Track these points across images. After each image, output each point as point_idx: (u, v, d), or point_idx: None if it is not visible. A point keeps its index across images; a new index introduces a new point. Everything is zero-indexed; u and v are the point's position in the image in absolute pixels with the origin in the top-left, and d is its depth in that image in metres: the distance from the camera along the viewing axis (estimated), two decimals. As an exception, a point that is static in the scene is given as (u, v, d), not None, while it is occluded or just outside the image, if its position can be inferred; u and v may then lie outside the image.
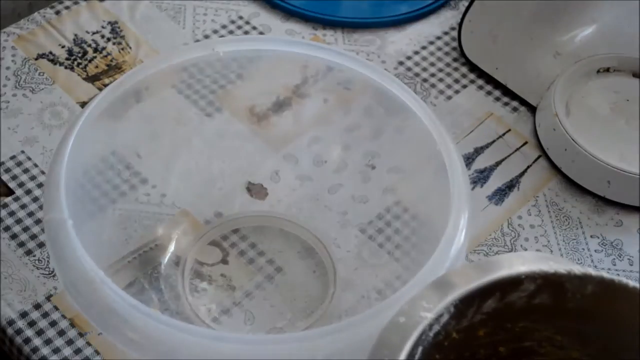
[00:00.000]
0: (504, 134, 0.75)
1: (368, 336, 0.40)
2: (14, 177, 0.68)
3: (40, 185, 0.67)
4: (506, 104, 0.77)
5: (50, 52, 0.77)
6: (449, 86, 0.78)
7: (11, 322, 0.60)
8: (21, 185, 0.68)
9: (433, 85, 0.78)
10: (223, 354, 0.48)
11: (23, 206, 0.66)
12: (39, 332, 0.60)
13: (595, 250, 0.68)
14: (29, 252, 0.64)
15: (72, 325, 0.60)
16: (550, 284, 0.42)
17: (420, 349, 0.40)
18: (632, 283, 0.42)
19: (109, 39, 0.79)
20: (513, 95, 0.77)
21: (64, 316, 0.60)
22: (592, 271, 0.42)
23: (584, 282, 0.42)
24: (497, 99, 0.77)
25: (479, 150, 0.73)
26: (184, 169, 0.67)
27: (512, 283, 0.42)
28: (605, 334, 0.44)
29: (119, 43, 0.78)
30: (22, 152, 0.70)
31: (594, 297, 0.42)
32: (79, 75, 0.76)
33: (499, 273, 0.42)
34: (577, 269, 0.42)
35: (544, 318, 0.44)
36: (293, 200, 0.69)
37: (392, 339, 0.39)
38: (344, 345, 0.47)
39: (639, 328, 0.43)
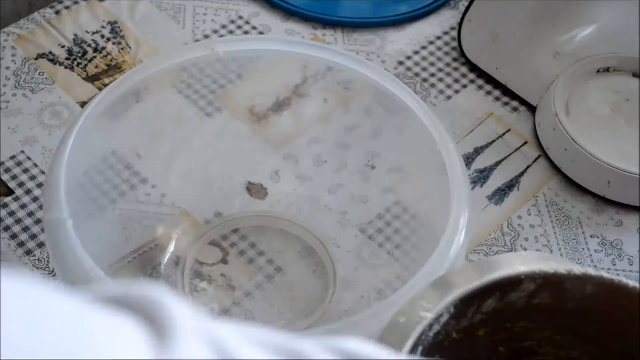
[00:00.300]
0: (504, 134, 0.75)
1: (368, 336, 0.40)
2: (14, 177, 0.68)
3: (40, 185, 0.67)
4: (506, 104, 0.77)
5: (50, 52, 0.77)
6: (449, 86, 0.78)
7: (11, 322, 0.60)
8: (21, 185, 0.68)
9: (433, 85, 0.78)
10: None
11: (23, 206, 0.66)
12: (39, 332, 0.59)
13: (595, 250, 0.68)
14: (29, 252, 0.64)
15: (72, 325, 0.60)
16: (550, 284, 0.42)
17: (420, 348, 0.40)
18: (632, 283, 0.42)
19: (109, 39, 0.79)
20: (513, 95, 0.77)
21: (64, 316, 0.60)
22: (592, 271, 0.42)
23: (584, 282, 0.42)
24: (497, 99, 0.77)
25: (479, 150, 0.73)
26: (184, 169, 0.67)
27: (512, 283, 0.42)
28: (606, 334, 0.44)
29: (119, 43, 0.78)
30: (22, 152, 0.70)
31: (594, 297, 0.42)
32: (79, 75, 0.76)
33: (499, 273, 0.42)
34: (577, 269, 0.42)
35: (544, 318, 0.44)
36: (293, 200, 0.69)
37: (392, 339, 0.39)
38: (344, 345, 0.47)
39: (639, 328, 0.43)
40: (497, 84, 0.78)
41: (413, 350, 0.39)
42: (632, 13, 0.76)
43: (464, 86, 0.78)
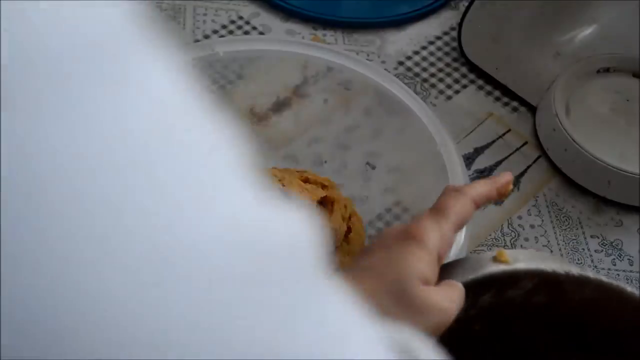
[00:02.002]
0: (504, 134, 0.75)
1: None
2: (14, 177, 0.68)
3: (40, 185, 0.67)
4: (506, 104, 0.77)
5: (50, 52, 0.77)
6: (449, 86, 0.78)
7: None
8: (21, 185, 0.68)
9: (433, 85, 0.78)
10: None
11: (23, 206, 0.66)
12: (39, 332, 0.59)
13: (595, 250, 0.68)
14: (29, 252, 0.64)
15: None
16: (548, 284, 0.42)
17: None
18: (629, 288, 0.41)
19: (109, 39, 0.78)
20: (513, 95, 0.77)
21: (64, 316, 0.60)
22: (590, 274, 0.42)
23: (582, 284, 0.42)
24: (497, 99, 0.77)
25: (479, 150, 0.73)
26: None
27: (509, 279, 0.42)
28: (603, 339, 0.44)
29: (119, 43, 0.78)
30: (22, 152, 0.70)
31: (592, 301, 0.42)
32: (79, 75, 0.76)
33: (495, 268, 0.42)
34: (576, 271, 0.42)
35: (542, 318, 0.44)
36: (293, 200, 0.68)
37: None
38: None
39: (636, 332, 0.42)
40: (497, 84, 0.78)
41: None
42: (632, 13, 0.76)
43: (464, 86, 0.78)
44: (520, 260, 0.42)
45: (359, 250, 0.62)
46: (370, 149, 0.67)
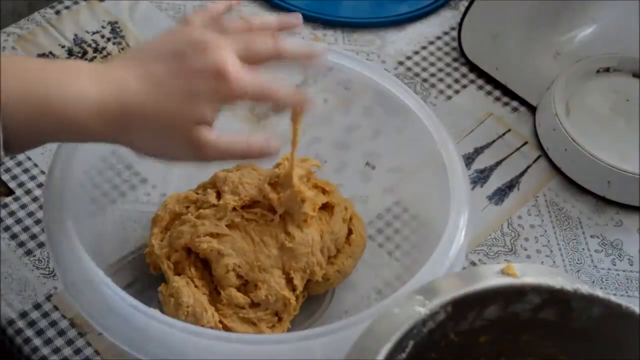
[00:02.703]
0: (504, 134, 0.75)
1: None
2: (14, 177, 0.68)
3: (40, 185, 0.67)
4: (506, 104, 0.77)
5: (50, 52, 0.77)
6: (449, 86, 0.78)
7: (11, 322, 0.60)
8: (21, 185, 0.68)
9: (433, 85, 0.78)
10: (223, 353, 0.48)
11: (23, 206, 0.66)
12: (39, 332, 0.60)
13: (595, 250, 0.68)
14: (29, 252, 0.64)
15: (72, 325, 0.60)
16: (556, 300, 0.41)
17: (411, 342, 0.39)
18: (638, 310, 0.41)
19: (109, 39, 0.79)
20: (513, 95, 0.77)
21: (64, 316, 0.60)
22: (599, 293, 0.41)
23: (591, 302, 0.41)
24: (497, 99, 0.77)
25: (479, 150, 0.73)
26: (184, 169, 0.67)
27: (516, 292, 0.41)
28: (610, 356, 0.43)
29: (119, 43, 0.78)
30: (22, 152, 0.70)
31: (600, 321, 0.41)
32: (79, 75, 0.76)
33: (502, 280, 0.41)
34: (585, 289, 0.41)
35: (549, 335, 0.44)
36: (293, 200, 0.68)
37: (381, 328, 0.39)
38: (344, 345, 0.47)
39: None
40: (497, 84, 0.78)
41: (402, 343, 0.39)
42: (632, 13, 0.76)
43: (464, 86, 0.78)
44: (529, 274, 0.42)
45: (360, 252, 0.62)
46: (370, 149, 0.67)
